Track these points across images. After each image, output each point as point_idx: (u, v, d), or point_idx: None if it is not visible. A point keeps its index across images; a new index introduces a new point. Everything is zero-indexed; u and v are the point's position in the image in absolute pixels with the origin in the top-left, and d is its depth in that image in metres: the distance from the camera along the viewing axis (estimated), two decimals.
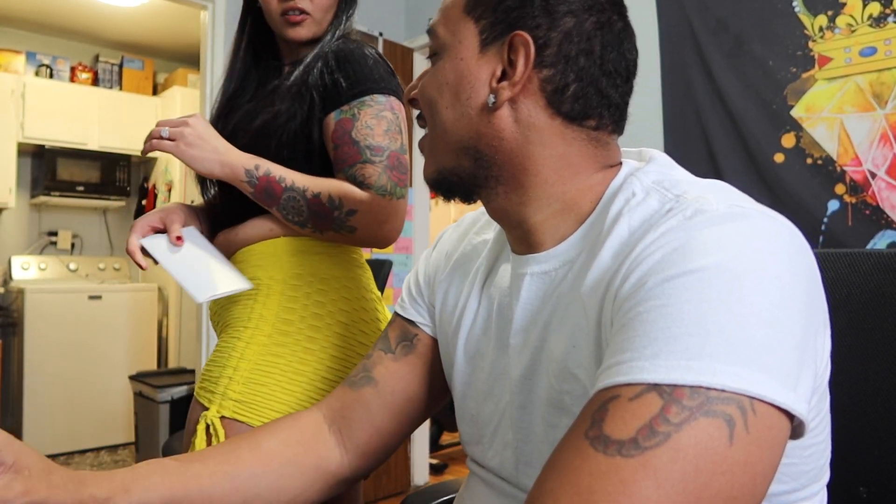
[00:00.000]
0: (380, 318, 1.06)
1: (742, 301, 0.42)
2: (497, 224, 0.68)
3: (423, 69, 0.66)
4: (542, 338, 0.59)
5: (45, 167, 3.74)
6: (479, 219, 0.77)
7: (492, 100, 0.57)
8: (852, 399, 0.68)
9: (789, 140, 1.95)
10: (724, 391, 0.40)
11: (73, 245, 4.07)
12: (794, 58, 1.94)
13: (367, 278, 1.08)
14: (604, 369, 0.45)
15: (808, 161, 1.91)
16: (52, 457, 3.27)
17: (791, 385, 0.42)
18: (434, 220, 3.38)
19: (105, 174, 3.96)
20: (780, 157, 1.97)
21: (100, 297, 3.64)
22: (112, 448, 3.59)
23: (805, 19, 1.92)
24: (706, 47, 2.11)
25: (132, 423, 3.19)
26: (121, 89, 4.07)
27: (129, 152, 3.97)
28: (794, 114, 1.94)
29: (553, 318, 0.58)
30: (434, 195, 0.75)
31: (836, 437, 0.58)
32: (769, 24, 1.98)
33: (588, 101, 0.57)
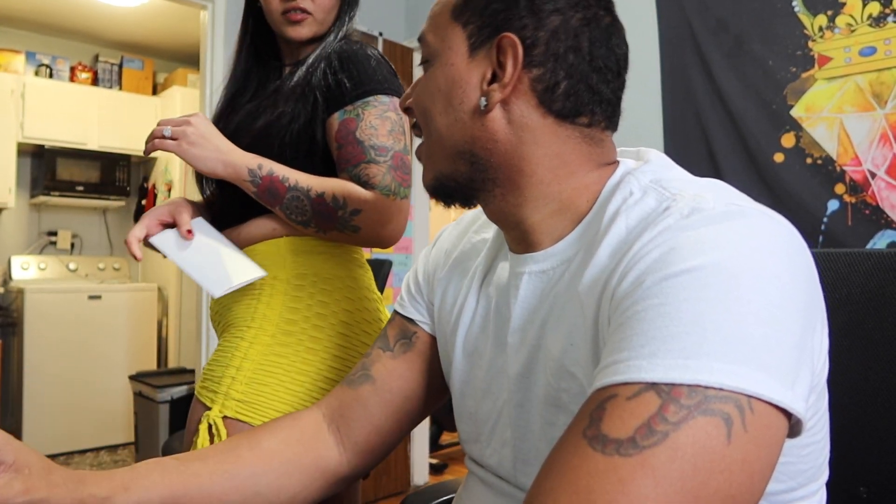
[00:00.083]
0: (381, 319, 1.06)
1: (740, 300, 0.42)
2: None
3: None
4: (540, 336, 0.59)
5: (45, 167, 3.74)
6: (478, 218, 0.77)
7: (483, 102, 0.57)
8: (852, 399, 0.68)
9: (789, 140, 1.95)
10: (721, 390, 0.40)
11: (72, 245, 4.07)
12: (794, 58, 1.94)
13: (368, 278, 1.08)
14: (601, 368, 0.45)
15: (808, 161, 1.91)
16: (52, 457, 3.27)
17: (789, 383, 0.42)
18: (434, 220, 3.38)
19: (105, 174, 3.96)
20: (779, 157, 1.97)
21: (99, 297, 3.64)
22: (112, 448, 3.59)
23: (805, 19, 1.92)
24: (706, 47, 2.11)
25: (132, 423, 3.19)
26: (120, 89, 4.07)
27: (129, 152, 3.97)
28: (794, 114, 1.94)
29: (550, 316, 0.58)
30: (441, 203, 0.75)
31: (836, 437, 0.58)
32: (769, 24, 1.98)
33: (579, 97, 0.57)
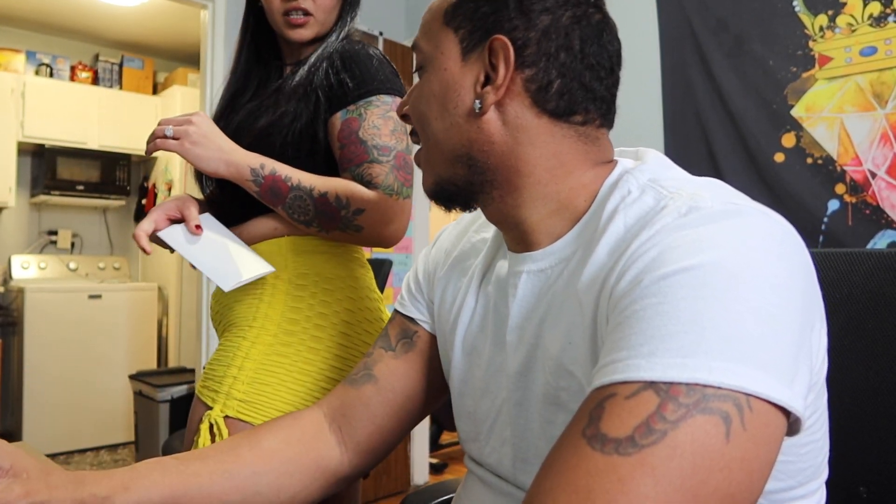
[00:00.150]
0: (383, 318, 1.06)
1: (738, 298, 0.42)
2: None
3: None
4: (538, 334, 0.59)
5: (45, 166, 3.74)
6: (478, 217, 0.77)
7: (478, 105, 0.58)
8: (852, 399, 0.68)
9: (789, 140, 1.95)
10: (720, 388, 0.40)
11: (72, 244, 4.07)
12: (795, 57, 1.94)
13: (369, 278, 1.08)
14: (600, 367, 0.45)
15: (809, 161, 1.91)
16: (52, 456, 3.27)
17: (787, 382, 0.42)
18: (434, 220, 3.38)
19: (105, 173, 3.96)
20: (780, 157, 1.97)
21: (100, 297, 3.64)
22: (112, 447, 3.59)
23: (805, 19, 1.92)
24: (706, 47, 2.11)
25: (132, 423, 3.19)
26: (121, 88, 4.07)
27: (129, 151, 3.97)
28: (795, 113, 1.94)
29: (548, 315, 0.58)
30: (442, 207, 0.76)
31: (836, 437, 0.58)
32: (769, 24, 1.98)
33: (573, 96, 0.57)
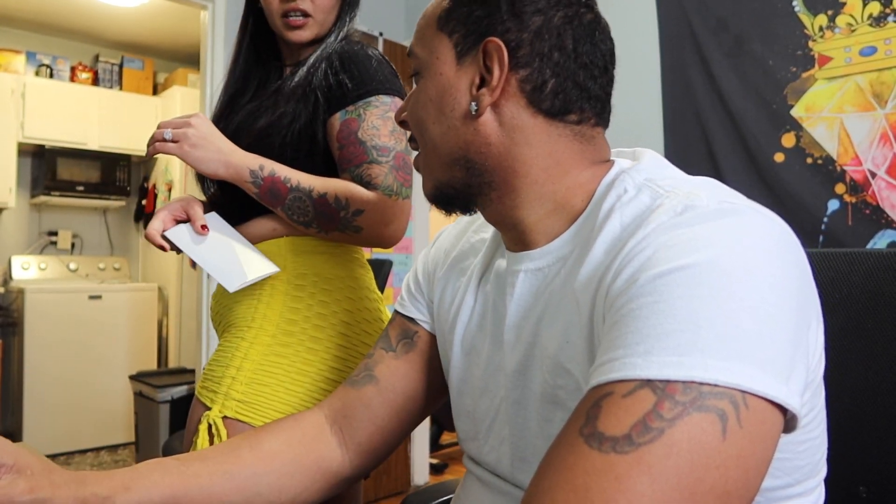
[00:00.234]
0: (382, 319, 1.06)
1: (734, 296, 0.43)
2: None
3: None
4: (535, 333, 0.60)
5: (45, 167, 3.74)
6: (477, 218, 0.77)
7: (474, 107, 0.58)
8: (852, 398, 0.68)
9: (789, 140, 1.95)
10: (716, 386, 0.40)
11: (73, 245, 4.07)
12: (794, 57, 1.94)
13: (369, 279, 1.08)
14: (597, 366, 0.45)
15: (808, 161, 1.91)
16: (52, 457, 3.27)
17: (783, 379, 0.42)
18: (434, 220, 3.38)
19: (105, 174, 3.96)
20: (780, 157, 1.97)
21: (100, 297, 3.64)
22: (112, 448, 3.59)
23: (805, 19, 1.92)
24: (706, 47, 2.11)
25: (132, 423, 3.19)
26: (121, 89, 4.07)
27: (129, 152, 3.97)
28: (794, 113, 1.94)
29: (545, 313, 0.59)
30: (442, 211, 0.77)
31: (836, 437, 0.58)
32: (769, 24, 1.98)
33: (567, 95, 0.58)
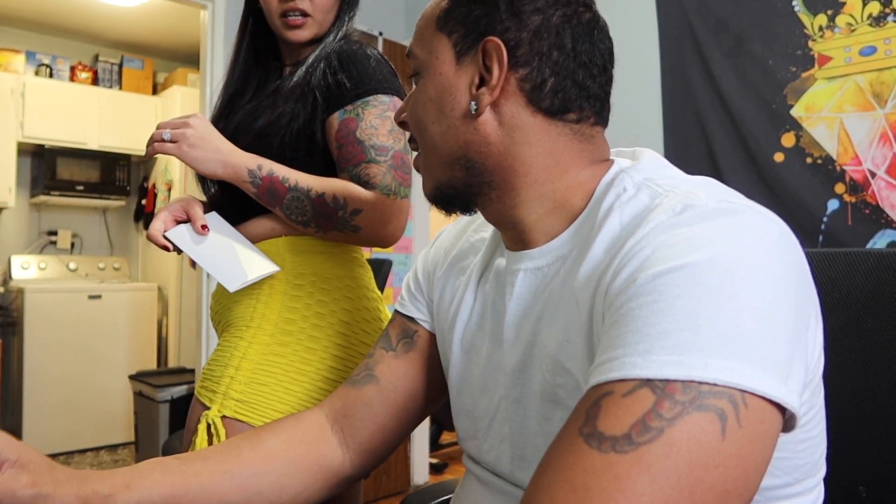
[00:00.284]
0: (381, 318, 1.06)
1: (733, 296, 0.43)
2: None
3: None
4: (535, 332, 0.60)
5: (45, 166, 3.74)
6: (477, 217, 0.77)
7: (473, 106, 0.59)
8: (852, 398, 0.68)
9: (789, 139, 1.95)
10: (715, 385, 0.40)
11: (72, 244, 4.07)
12: (794, 57, 1.94)
13: (368, 278, 1.08)
14: (596, 366, 0.45)
15: (808, 160, 1.91)
16: (52, 456, 3.26)
17: (782, 378, 0.42)
18: (434, 220, 3.38)
19: (105, 174, 3.96)
20: (779, 157, 1.97)
21: (99, 297, 3.64)
22: (112, 448, 3.59)
23: (805, 19, 1.92)
24: (706, 47, 2.11)
25: (132, 423, 3.19)
26: (120, 89, 4.07)
27: (129, 152, 3.97)
28: (794, 113, 1.94)
29: (545, 312, 0.59)
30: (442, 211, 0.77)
31: (836, 437, 0.58)
32: (769, 24, 1.98)
33: (566, 94, 0.58)
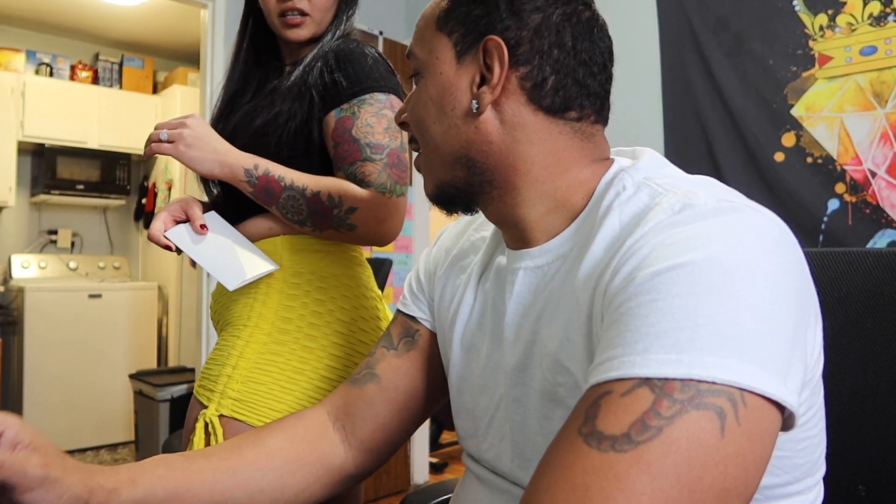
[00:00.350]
0: (380, 317, 1.06)
1: (732, 294, 0.43)
2: None
3: None
4: (535, 331, 0.60)
5: (45, 166, 3.74)
6: (478, 216, 0.77)
7: (475, 105, 0.59)
8: (851, 398, 0.68)
9: (789, 139, 1.95)
10: (714, 383, 0.40)
11: (73, 244, 4.07)
12: (795, 57, 1.94)
13: (367, 276, 1.08)
14: (596, 365, 0.45)
15: (809, 160, 1.91)
16: None
17: (781, 377, 0.42)
18: (434, 220, 3.38)
19: (105, 173, 3.96)
20: (780, 157, 1.96)
21: (100, 296, 3.64)
22: (112, 447, 3.60)
23: (805, 18, 1.92)
24: (706, 46, 2.11)
25: (132, 422, 3.20)
26: (121, 88, 4.07)
27: (129, 151, 3.97)
28: (795, 113, 1.94)
29: (545, 311, 0.59)
30: (444, 211, 0.77)
31: (835, 436, 0.58)
32: (769, 23, 1.98)
33: (567, 91, 0.58)
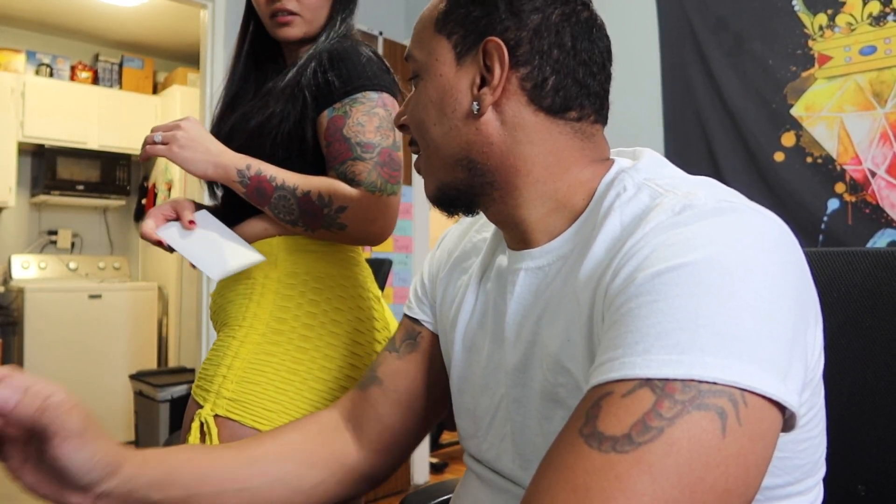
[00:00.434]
0: (376, 317, 1.05)
1: (733, 294, 0.42)
2: None
3: None
4: (535, 331, 0.60)
5: (45, 166, 3.74)
6: (479, 218, 0.77)
7: (475, 106, 0.59)
8: (851, 397, 0.68)
9: (789, 139, 1.95)
10: (715, 384, 0.40)
11: (73, 244, 4.07)
12: (794, 56, 1.94)
13: (364, 277, 1.08)
14: (596, 366, 0.45)
15: (808, 160, 1.91)
16: None
17: (781, 377, 0.42)
18: (434, 220, 3.38)
19: (105, 173, 3.96)
20: (780, 156, 1.96)
21: (100, 296, 3.64)
22: None
23: (805, 18, 1.92)
24: (706, 46, 2.11)
25: (132, 422, 3.19)
26: (121, 88, 4.07)
27: (129, 151, 3.97)
28: (794, 113, 1.94)
29: (546, 312, 0.59)
30: (445, 213, 0.77)
31: (835, 436, 0.58)
32: (769, 23, 1.98)
33: (567, 91, 0.58)
